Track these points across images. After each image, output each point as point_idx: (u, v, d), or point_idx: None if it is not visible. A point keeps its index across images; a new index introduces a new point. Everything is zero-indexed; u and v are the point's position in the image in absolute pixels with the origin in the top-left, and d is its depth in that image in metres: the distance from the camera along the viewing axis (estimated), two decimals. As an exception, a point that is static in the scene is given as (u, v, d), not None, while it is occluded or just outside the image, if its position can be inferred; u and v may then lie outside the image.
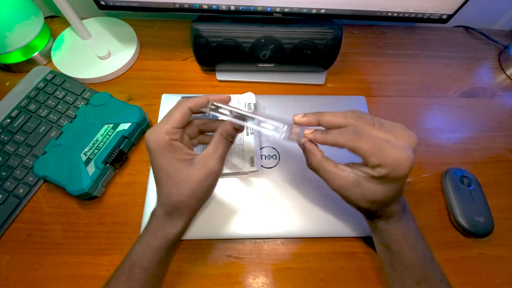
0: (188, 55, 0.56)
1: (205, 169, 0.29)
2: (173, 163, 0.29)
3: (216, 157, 0.30)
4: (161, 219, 0.31)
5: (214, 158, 0.30)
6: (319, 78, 0.54)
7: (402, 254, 0.32)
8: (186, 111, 0.30)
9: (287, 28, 0.46)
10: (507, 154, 0.49)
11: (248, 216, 0.41)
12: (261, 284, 0.38)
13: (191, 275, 0.38)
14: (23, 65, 0.51)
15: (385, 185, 0.28)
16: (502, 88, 0.56)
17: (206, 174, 0.29)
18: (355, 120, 0.28)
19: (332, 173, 0.29)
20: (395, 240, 0.32)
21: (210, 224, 0.40)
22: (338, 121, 0.29)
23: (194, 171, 0.29)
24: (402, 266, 0.32)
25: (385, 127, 0.27)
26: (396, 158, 0.26)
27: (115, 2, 0.44)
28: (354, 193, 0.29)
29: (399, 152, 0.26)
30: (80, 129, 0.42)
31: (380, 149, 0.26)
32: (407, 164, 0.26)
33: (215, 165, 0.30)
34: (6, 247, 0.39)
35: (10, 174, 0.42)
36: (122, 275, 0.31)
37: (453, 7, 0.45)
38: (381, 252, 0.35)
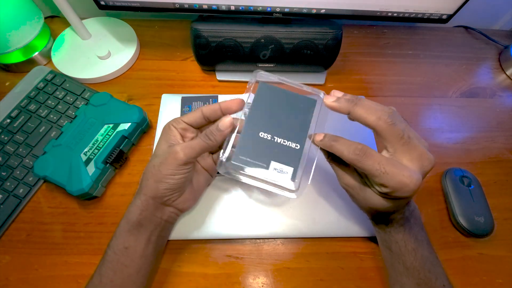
0: (188, 55, 0.56)
1: (173, 153, 0.31)
2: (160, 141, 0.33)
3: (185, 144, 0.31)
4: (133, 198, 0.33)
5: (186, 148, 0.31)
6: (319, 78, 0.54)
7: (402, 257, 0.32)
8: (199, 114, 0.33)
9: (287, 28, 0.46)
10: (507, 154, 0.49)
11: (248, 216, 0.41)
12: (261, 284, 0.38)
13: (191, 275, 0.38)
14: (23, 65, 0.51)
15: (386, 200, 0.29)
16: (502, 88, 0.56)
17: (169, 153, 0.31)
18: (386, 126, 0.27)
19: (344, 169, 0.32)
20: (395, 243, 0.32)
21: (210, 224, 0.40)
22: (369, 121, 0.28)
23: (166, 151, 0.31)
24: (402, 268, 0.32)
25: (410, 144, 0.27)
26: (400, 182, 0.26)
27: (115, 2, 0.44)
28: (358, 194, 0.31)
29: (405, 177, 0.26)
30: (80, 129, 0.42)
31: (384, 173, 0.26)
32: (411, 188, 0.26)
33: (179, 149, 0.31)
34: (6, 247, 0.39)
35: (10, 174, 0.42)
36: (102, 257, 0.32)
37: (453, 7, 0.45)
38: (383, 251, 0.35)
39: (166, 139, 0.33)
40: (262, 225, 0.40)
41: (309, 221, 0.41)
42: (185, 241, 0.40)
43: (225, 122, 0.31)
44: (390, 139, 0.27)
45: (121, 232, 0.32)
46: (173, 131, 0.33)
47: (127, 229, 0.32)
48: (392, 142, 0.27)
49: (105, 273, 0.31)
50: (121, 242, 0.32)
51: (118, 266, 0.31)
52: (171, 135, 0.33)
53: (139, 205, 0.32)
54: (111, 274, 0.31)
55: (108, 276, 0.31)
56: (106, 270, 0.31)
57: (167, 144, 0.32)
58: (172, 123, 0.34)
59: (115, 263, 0.31)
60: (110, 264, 0.31)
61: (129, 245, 0.32)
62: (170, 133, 0.33)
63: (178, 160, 0.31)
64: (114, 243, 0.32)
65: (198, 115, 0.34)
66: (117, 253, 0.31)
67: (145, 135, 0.47)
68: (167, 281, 0.38)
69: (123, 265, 0.31)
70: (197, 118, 0.34)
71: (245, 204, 0.41)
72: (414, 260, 0.31)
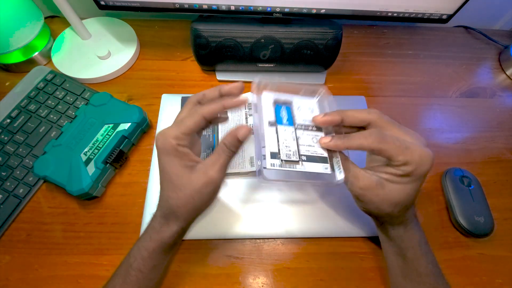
0: (188, 55, 0.56)
1: (205, 177, 0.29)
2: (175, 168, 0.29)
3: (218, 166, 0.29)
4: (158, 222, 0.31)
5: (215, 166, 0.29)
6: (319, 78, 0.54)
7: (417, 262, 0.31)
8: (201, 120, 0.29)
9: (287, 28, 0.46)
10: (507, 154, 0.49)
11: (248, 216, 0.41)
12: (261, 284, 0.38)
13: (191, 275, 0.38)
14: (23, 65, 0.51)
15: (408, 185, 0.29)
16: (502, 88, 0.56)
17: (206, 182, 0.29)
18: (378, 116, 0.29)
19: (356, 173, 0.30)
20: (412, 248, 0.32)
21: (210, 224, 0.40)
22: (362, 116, 0.29)
23: (194, 178, 0.29)
24: (415, 275, 0.31)
25: (402, 127, 0.29)
26: (421, 155, 0.27)
27: (115, 2, 0.44)
28: (377, 195, 0.29)
29: (423, 150, 0.28)
30: (80, 129, 0.42)
31: (406, 148, 0.27)
32: (430, 161, 0.28)
33: (215, 174, 0.29)
34: (6, 247, 0.39)
35: (10, 174, 0.42)
36: (119, 276, 0.31)
37: (453, 7, 0.45)
38: (393, 261, 0.34)
39: (181, 164, 0.29)
40: (262, 225, 0.40)
41: (309, 221, 0.41)
42: (185, 241, 0.40)
43: (244, 133, 0.28)
44: (388, 130, 0.29)
45: (151, 255, 0.31)
46: (183, 151, 0.29)
47: (160, 252, 0.31)
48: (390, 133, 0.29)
49: None
50: (151, 262, 0.31)
51: (144, 282, 0.31)
52: (185, 157, 0.29)
53: (178, 231, 0.30)
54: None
55: None
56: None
57: (188, 169, 0.29)
58: (178, 143, 0.29)
59: (142, 281, 0.31)
60: (135, 283, 0.30)
61: (158, 263, 0.32)
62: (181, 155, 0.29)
63: (218, 185, 0.30)
64: (141, 264, 0.30)
65: (201, 121, 0.30)
66: (144, 272, 0.31)
67: (145, 135, 0.47)
68: (167, 281, 0.37)
69: (148, 279, 0.31)
70: (200, 126, 0.30)
71: (245, 204, 0.41)
72: (428, 263, 0.31)
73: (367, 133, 0.28)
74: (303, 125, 0.32)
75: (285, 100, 0.33)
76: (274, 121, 0.32)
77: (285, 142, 0.31)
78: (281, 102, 0.33)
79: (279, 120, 0.32)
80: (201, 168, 0.29)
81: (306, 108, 0.33)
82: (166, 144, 0.29)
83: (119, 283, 0.30)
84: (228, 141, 0.29)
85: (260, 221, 0.41)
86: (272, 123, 0.31)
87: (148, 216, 0.40)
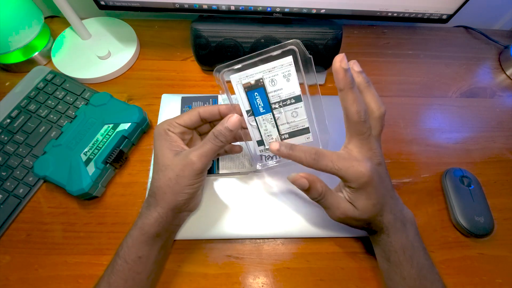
0: (188, 55, 0.56)
1: (184, 160, 0.30)
2: (162, 150, 0.31)
3: (199, 152, 0.30)
4: (143, 207, 0.32)
5: (196, 152, 0.30)
6: (319, 78, 0.54)
7: (400, 266, 0.32)
8: (195, 114, 0.33)
9: (287, 28, 0.46)
10: (507, 154, 0.49)
11: (248, 216, 0.41)
12: (261, 284, 0.38)
13: (191, 275, 0.38)
14: (23, 65, 0.51)
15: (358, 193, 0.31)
16: (502, 88, 0.56)
17: (184, 165, 0.30)
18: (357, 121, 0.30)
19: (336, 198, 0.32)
20: (394, 252, 0.32)
21: (210, 224, 0.40)
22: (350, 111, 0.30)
23: (176, 160, 0.30)
24: (398, 278, 0.32)
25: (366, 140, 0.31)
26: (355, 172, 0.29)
27: (115, 2, 0.44)
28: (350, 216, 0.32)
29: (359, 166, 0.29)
30: (80, 129, 0.42)
31: (338, 169, 0.29)
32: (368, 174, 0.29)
33: (194, 158, 0.30)
34: (6, 247, 0.39)
35: (10, 174, 0.42)
36: (109, 266, 0.31)
37: (453, 7, 0.45)
38: (381, 264, 0.35)
39: (168, 146, 0.31)
40: (262, 225, 0.40)
41: (309, 221, 0.41)
42: (185, 241, 0.40)
43: (233, 121, 0.30)
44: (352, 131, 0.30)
45: (134, 243, 0.31)
46: (172, 136, 0.32)
47: (143, 240, 0.31)
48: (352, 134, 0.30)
49: (115, 282, 0.30)
50: (134, 252, 0.31)
51: (130, 274, 0.31)
52: (173, 142, 0.32)
53: (157, 217, 0.31)
54: (122, 283, 0.30)
55: (119, 285, 0.30)
56: (116, 279, 0.30)
57: (173, 152, 0.31)
58: (168, 128, 0.32)
59: (127, 272, 0.31)
60: (121, 273, 0.31)
61: (142, 255, 0.31)
62: (170, 139, 0.32)
63: (196, 170, 0.30)
64: (126, 253, 0.31)
65: (195, 116, 0.33)
66: (129, 262, 0.31)
67: (145, 135, 0.47)
68: (167, 281, 0.37)
69: (135, 272, 0.31)
70: (194, 120, 0.33)
71: (245, 204, 0.41)
72: (411, 268, 0.31)
73: (308, 150, 0.30)
74: (280, 102, 0.31)
75: (256, 80, 0.30)
76: (251, 111, 0.32)
77: (266, 131, 0.32)
78: (253, 84, 0.30)
79: (256, 111, 0.32)
80: (184, 153, 0.31)
81: (281, 76, 0.30)
82: (159, 129, 0.32)
83: (107, 273, 0.31)
84: (217, 130, 0.30)
85: (260, 221, 0.41)
86: (251, 113, 0.32)
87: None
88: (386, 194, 0.32)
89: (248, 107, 0.31)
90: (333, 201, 0.32)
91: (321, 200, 0.32)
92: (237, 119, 0.30)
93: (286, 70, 0.30)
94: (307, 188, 0.31)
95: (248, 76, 0.30)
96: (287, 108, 0.31)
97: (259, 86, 0.30)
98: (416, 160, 0.48)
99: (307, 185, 0.31)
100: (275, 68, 0.30)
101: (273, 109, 0.31)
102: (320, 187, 0.31)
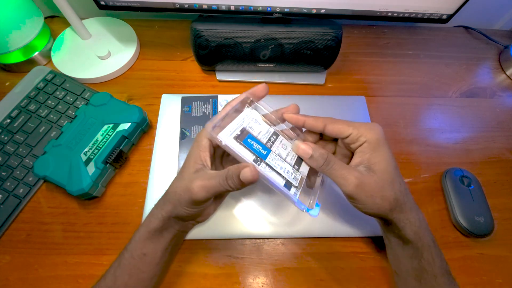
0: (188, 55, 0.56)
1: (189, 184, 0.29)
2: (190, 159, 0.31)
3: (203, 184, 0.29)
4: (154, 207, 0.33)
5: (201, 183, 0.29)
6: (319, 78, 0.54)
7: (433, 263, 0.30)
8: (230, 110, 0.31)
9: (287, 28, 0.46)
10: (507, 154, 0.49)
11: (248, 216, 0.41)
12: (261, 284, 0.38)
13: (191, 275, 0.38)
14: (23, 65, 0.51)
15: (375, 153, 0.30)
16: (502, 88, 0.56)
17: (185, 189, 0.30)
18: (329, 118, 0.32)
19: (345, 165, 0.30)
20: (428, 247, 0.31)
21: (210, 224, 0.40)
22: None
23: (191, 178, 0.30)
24: (430, 277, 0.30)
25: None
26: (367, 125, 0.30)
27: (115, 2, 0.44)
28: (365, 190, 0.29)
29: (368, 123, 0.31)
30: (80, 129, 0.42)
31: (352, 123, 0.30)
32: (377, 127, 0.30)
33: (196, 189, 0.29)
34: (6, 247, 0.39)
35: (10, 174, 0.42)
36: (117, 259, 0.32)
37: (453, 7, 0.45)
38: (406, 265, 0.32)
39: (195, 158, 0.31)
40: (262, 225, 0.40)
41: (309, 221, 0.41)
42: (186, 241, 0.40)
43: (247, 175, 0.27)
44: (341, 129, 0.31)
45: (140, 238, 0.32)
46: (204, 146, 0.31)
47: (147, 236, 0.32)
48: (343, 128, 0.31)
49: (120, 276, 0.31)
50: (140, 248, 0.32)
51: (134, 271, 0.31)
52: (202, 152, 0.31)
53: (160, 217, 0.32)
54: (126, 278, 0.31)
55: (123, 279, 0.31)
56: (121, 273, 0.31)
57: (194, 168, 0.30)
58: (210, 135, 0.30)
59: (132, 268, 0.31)
60: (126, 268, 0.31)
61: (147, 252, 0.32)
62: (201, 149, 0.31)
63: (193, 200, 0.30)
64: (132, 247, 0.32)
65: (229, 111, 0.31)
66: (135, 258, 0.31)
67: (145, 135, 0.47)
68: (167, 281, 0.37)
69: (139, 270, 0.32)
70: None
71: (245, 204, 0.41)
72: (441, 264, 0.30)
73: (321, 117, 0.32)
74: (267, 142, 0.32)
75: (241, 130, 0.31)
76: (259, 158, 0.30)
77: (283, 169, 0.31)
78: (241, 134, 0.30)
79: (261, 155, 0.30)
80: (197, 176, 0.30)
81: (252, 122, 0.32)
82: (201, 135, 0.32)
83: (114, 266, 0.31)
84: (230, 172, 0.28)
85: (260, 221, 0.41)
86: (258, 160, 0.30)
87: (148, 216, 0.40)
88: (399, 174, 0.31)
89: (252, 156, 0.30)
90: (342, 166, 0.30)
91: (328, 167, 0.30)
92: (251, 174, 0.27)
93: (251, 117, 0.32)
94: (310, 156, 0.30)
95: (231, 131, 0.30)
96: (275, 144, 0.32)
97: (247, 133, 0.31)
98: (416, 160, 0.48)
99: (310, 153, 0.30)
100: (244, 119, 0.32)
101: (270, 147, 0.31)
102: (325, 152, 0.30)
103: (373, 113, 0.50)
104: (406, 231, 0.31)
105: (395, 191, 0.30)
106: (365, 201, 0.29)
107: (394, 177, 0.30)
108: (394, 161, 0.30)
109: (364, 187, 0.29)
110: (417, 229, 0.31)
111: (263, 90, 0.33)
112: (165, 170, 0.43)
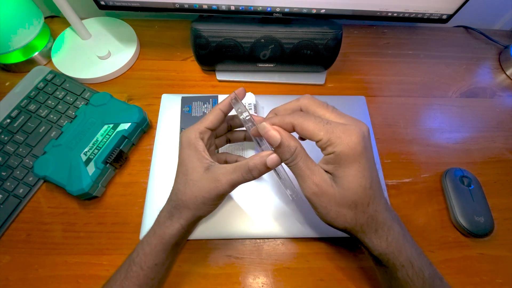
0: (188, 55, 0.56)
1: (214, 183, 0.29)
2: (193, 162, 0.30)
3: (229, 178, 0.29)
4: (163, 216, 0.32)
5: (227, 178, 0.29)
6: (319, 78, 0.54)
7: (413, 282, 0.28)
8: (218, 112, 0.32)
9: (287, 28, 0.46)
10: (507, 154, 0.49)
11: (248, 216, 0.41)
12: (261, 284, 0.38)
13: (191, 275, 0.38)
14: (23, 65, 0.51)
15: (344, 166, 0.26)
16: (502, 88, 0.56)
17: (212, 188, 0.29)
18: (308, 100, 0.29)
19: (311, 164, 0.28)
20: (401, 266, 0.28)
21: (210, 224, 0.40)
22: (293, 106, 0.30)
23: (205, 178, 0.29)
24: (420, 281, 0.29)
25: (337, 111, 0.28)
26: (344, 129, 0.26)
27: (115, 2, 0.44)
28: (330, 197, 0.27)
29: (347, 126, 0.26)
30: (80, 129, 0.42)
31: (328, 123, 0.26)
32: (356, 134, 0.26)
33: (225, 183, 0.29)
34: (6, 247, 0.39)
35: (10, 174, 0.42)
36: (122, 271, 0.31)
37: (453, 7, 0.45)
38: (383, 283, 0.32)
39: (199, 158, 0.30)
40: (262, 225, 0.40)
41: (309, 221, 0.41)
42: (186, 241, 0.40)
43: (274, 160, 0.27)
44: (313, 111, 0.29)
45: (152, 251, 0.31)
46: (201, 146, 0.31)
47: (162, 249, 0.31)
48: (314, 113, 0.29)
49: (129, 287, 0.30)
50: (152, 260, 0.31)
51: (144, 280, 0.31)
52: (203, 152, 0.30)
53: (179, 229, 0.31)
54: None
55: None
56: (130, 284, 0.30)
57: (203, 167, 0.30)
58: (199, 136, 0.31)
59: (142, 278, 0.31)
60: (135, 279, 0.30)
61: (159, 262, 0.31)
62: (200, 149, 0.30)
63: (222, 194, 0.29)
64: (142, 260, 0.31)
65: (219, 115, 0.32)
66: (144, 269, 0.31)
67: (145, 135, 0.47)
68: (167, 281, 0.37)
69: (149, 278, 0.31)
70: (219, 118, 0.32)
71: (245, 204, 0.41)
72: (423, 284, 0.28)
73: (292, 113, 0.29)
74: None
75: None
76: None
77: None
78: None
79: None
80: (215, 172, 0.29)
81: None
82: (189, 137, 0.31)
83: (120, 278, 0.31)
84: (253, 163, 0.28)
85: (260, 221, 0.41)
86: None
87: (148, 216, 0.40)
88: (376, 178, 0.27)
89: None
90: (307, 166, 0.27)
91: (293, 163, 0.27)
92: (277, 159, 0.28)
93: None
94: (278, 145, 0.27)
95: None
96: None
97: None
98: (416, 160, 0.48)
99: (279, 140, 0.27)
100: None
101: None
102: (294, 146, 0.27)
103: (373, 113, 0.50)
104: (373, 251, 0.29)
105: (356, 213, 0.27)
106: (320, 211, 0.28)
107: (362, 199, 0.27)
108: (369, 179, 0.26)
109: (321, 197, 0.27)
110: (384, 250, 0.28)
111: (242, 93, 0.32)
112: (165, 170, 0.43)
